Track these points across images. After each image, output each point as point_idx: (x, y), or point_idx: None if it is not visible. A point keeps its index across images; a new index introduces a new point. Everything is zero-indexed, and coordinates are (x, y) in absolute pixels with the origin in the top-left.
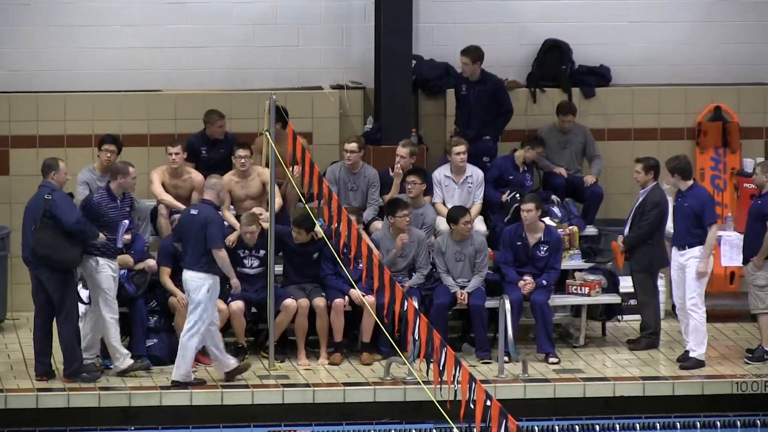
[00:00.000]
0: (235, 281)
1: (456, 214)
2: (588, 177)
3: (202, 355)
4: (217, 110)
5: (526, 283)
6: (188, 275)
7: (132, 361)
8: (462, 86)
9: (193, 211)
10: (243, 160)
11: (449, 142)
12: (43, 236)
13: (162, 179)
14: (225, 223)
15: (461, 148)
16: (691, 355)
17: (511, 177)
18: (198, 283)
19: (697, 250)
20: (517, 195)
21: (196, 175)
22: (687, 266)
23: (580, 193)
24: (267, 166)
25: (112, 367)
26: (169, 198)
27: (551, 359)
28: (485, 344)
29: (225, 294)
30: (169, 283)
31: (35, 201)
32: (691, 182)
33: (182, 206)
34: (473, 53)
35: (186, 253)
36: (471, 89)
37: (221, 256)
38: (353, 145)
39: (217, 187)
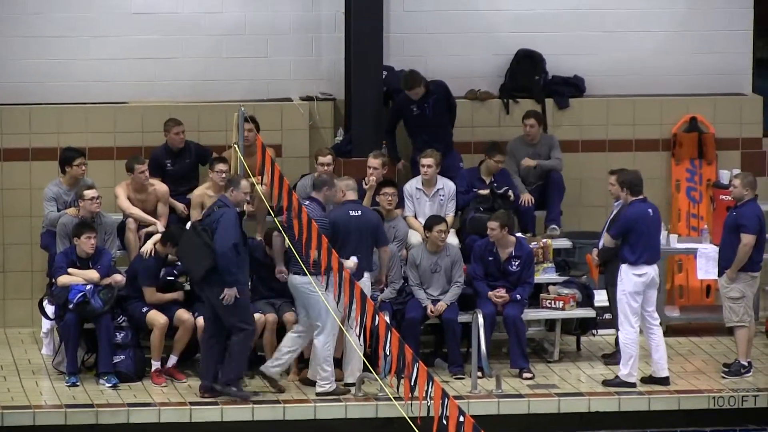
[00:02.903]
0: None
1: (431, 222)
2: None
3: (176, 370)
4: (173, 118)
5: (498, 295)
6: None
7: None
8: (412, 108)
9: (355, 213)
10: (224, 175)
11: (420, 155)
12: (185, 236)
13: (127, 193)
14: None
15: (428, 160)
16: (618, 374)
17: (475, 189)
18: (369, 283)
19: (623, 268)
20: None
21: (160, 186)
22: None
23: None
24: None
25: (78, 384)
26: (137, 212)
27: (525, 374)
28: (458, 359)
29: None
30: (166, 296)
31: (210, 208)
32: (633, 199)
33: (151, 219)
34: (420, 79)
35: (347, 253)
36: (423, 105)
37: (391, 252)
38: (329, 158)
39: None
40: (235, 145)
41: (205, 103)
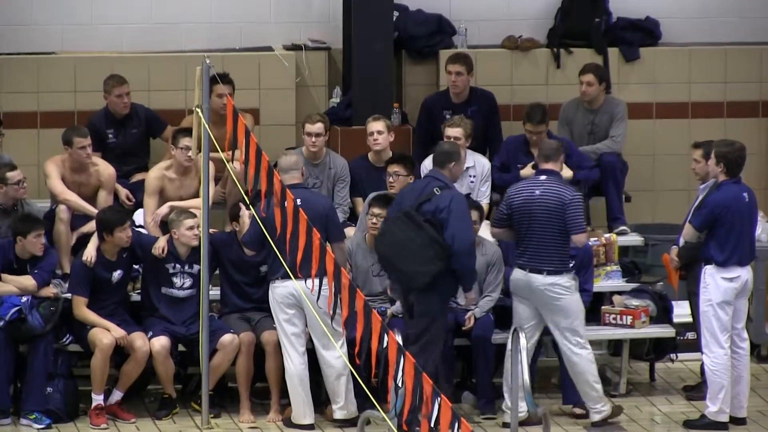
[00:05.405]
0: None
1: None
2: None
3: (120, 408)
4: (116, 74)
5: None
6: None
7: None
8: (445, 114)
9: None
10: (190, 153)
11: (444, 123)
12: (394, 229)
13: (61, 173)
14: (143, 230)
15: (455, 131)
16: (705, 411)
17: (520, 166)
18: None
19: (707, 271)
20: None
21: (105, 168)
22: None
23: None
24: (199, 151)
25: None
26: (75, 198)
27: (581, 411)
28: (489, 392)
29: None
30: (92, 315)
31: (411, 189)
32: (724, 179)
33: (91, 208)
34: (467, 60)
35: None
36: (461, 113)
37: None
38: (318, 126)
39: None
40: (198, 110)
41: (158, 53)
